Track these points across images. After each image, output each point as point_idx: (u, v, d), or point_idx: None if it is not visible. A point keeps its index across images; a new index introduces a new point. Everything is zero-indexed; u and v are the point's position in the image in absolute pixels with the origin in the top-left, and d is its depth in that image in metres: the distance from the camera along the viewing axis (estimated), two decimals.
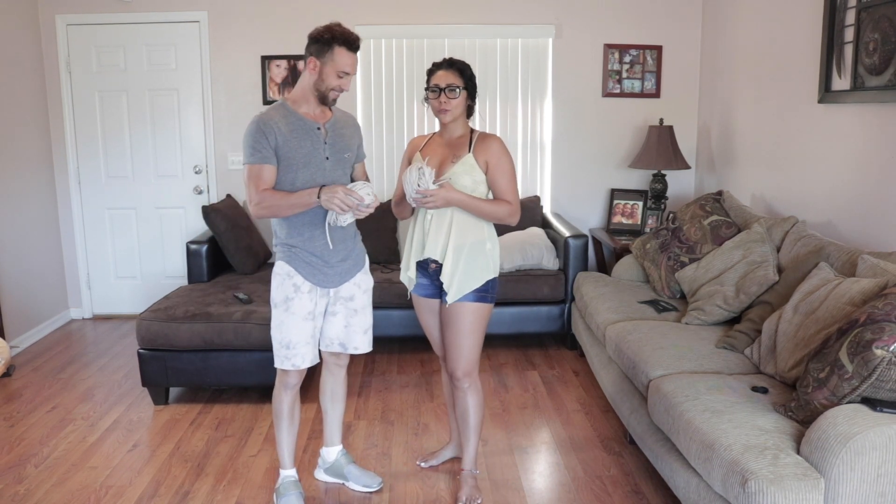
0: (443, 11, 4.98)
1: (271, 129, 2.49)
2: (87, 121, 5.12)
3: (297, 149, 2.52)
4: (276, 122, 2.50)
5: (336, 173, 2.62)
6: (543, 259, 4.44)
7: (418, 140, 2.81)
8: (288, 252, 2.61)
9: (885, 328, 2.08)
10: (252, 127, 2.50)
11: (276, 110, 2.54)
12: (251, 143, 2.49)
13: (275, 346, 2.65)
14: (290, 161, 2.52)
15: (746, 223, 3.66)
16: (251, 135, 2.49)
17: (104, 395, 3.88)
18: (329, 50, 2.48)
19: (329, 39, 2.47)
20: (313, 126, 2.57)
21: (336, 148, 2.62)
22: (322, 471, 2.99)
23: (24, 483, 2.97)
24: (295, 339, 2.61)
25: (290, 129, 2.52)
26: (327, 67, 2.49)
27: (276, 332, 2.63)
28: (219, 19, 4.99)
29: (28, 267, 4.80)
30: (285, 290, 2.60)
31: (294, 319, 2.60)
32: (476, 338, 2.68)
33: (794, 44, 3.77)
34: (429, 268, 2.69)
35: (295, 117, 2.55)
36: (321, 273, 2.62)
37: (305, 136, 2.54)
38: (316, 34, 2.51)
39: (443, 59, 2.67)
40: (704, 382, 2.59)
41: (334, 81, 2.51)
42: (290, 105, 2.58)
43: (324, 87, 2.52)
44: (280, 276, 2.61)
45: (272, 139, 2.48)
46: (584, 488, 2.90)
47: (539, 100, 5.14)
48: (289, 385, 2.70)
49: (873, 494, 1.97)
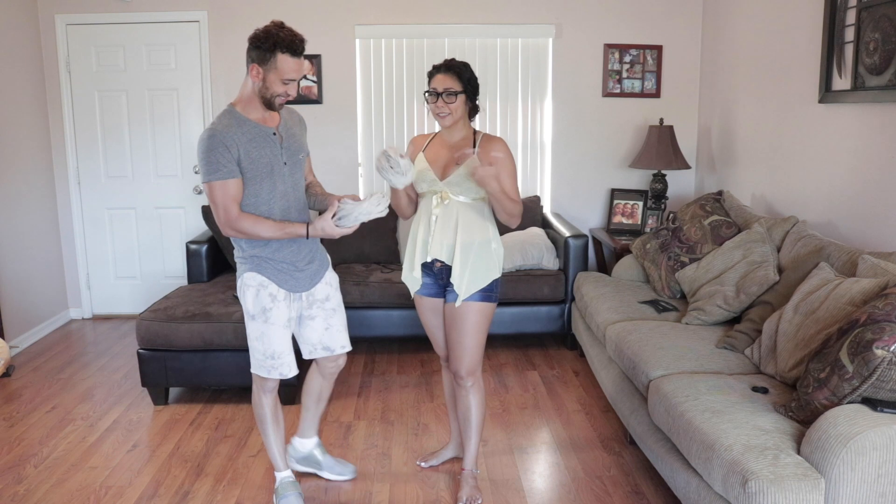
0: (443, 11, 4.98)
1: (232, 140, 2.36)
2: (87, 121, 5.12)
3: (258, 159, 2.41)
4: (234, 133, 2.37)
5: (294, 177, 2.54)
6: (543, 259, 4.44)
7: (420, 139, 2.80)
8: (257, 262, 2.52)
9: (885, 328, 2.08)
10: (209, 142, 2.34)
11: (227, 119, 2.41)
12: (212, 158, 2.34)
13: (257, 357, 2.59)
14: (253, 172, 2.41)
15: (747, 223, 3.66)
16: (210, 150, 2.34)
17: (104, 396, 3.88)
18: (272, 57, 2.34)
19: (272, 46, 2.33)
20: (269, 132, 2.46)
21: (291, 151, 2.53)
22: (294, 460, 2.97)
23: (24, 483, 2.97)
24: (279, 349, 2.56)
25: (248, 139, 2.40)
26: (271, 75, 2.36)
27: (258, 343, 2.57)
28: (219, 19, 4.98)
29: (28, 267, 4.80)
30: (261, 301, 2.53)
31: (275, 329, 2.54)
32: (480, 337, 2.68)
33: (795, 43, 3.76)
34: (434, 267, 2.69)
35: (249, 125, 2.43)
36: (293, 278, 2.56)
37: (264, 143, 2.44)
38: (255, 39, 2.36)
39: (442, 62, 2.65)
40: (705, 382, 2.58)
41: (279, 88, 2.39)
42: (239, 112, 2.44)
43: (269, 94, 2.40)
44: (252, 287, 2.53)
45: (234, 151, 2.36)
46: (584, 488, 2.90)
47: (539, 100, 5.14)
48: (269, 389, 2.67)
49: (874, 495, 1.96)
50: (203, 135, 2.38)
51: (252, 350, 2.60)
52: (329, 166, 5.05)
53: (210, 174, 2.36)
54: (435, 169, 2.66)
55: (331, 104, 5.08)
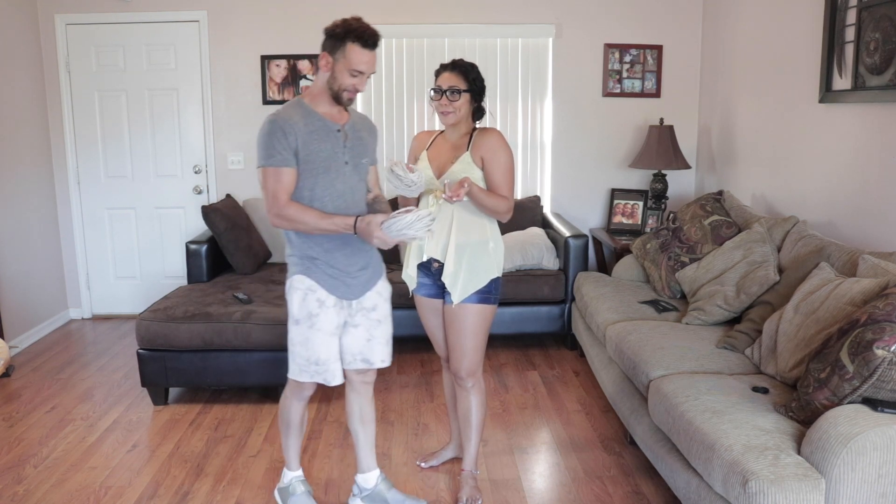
0: (443, 11, 4.97)
1: (291, 128, 2.29)
2: (87, 120, 5.11)
3: (317, 152, 2.34)
4: (296, 122, 2.31)
5: (354, 179, 2.45)
6: (543, 259, 4.44)
7: (424, 136, 2.80)
8: (307, 265, 2.41)
9: (885, 328, 2.07)
10: (269, 126, 2.29)
11: (293, 109, 2.35)
12: (269, 143, 2.28)
13: (299, 362, 2.46)
14: (310, 165, 2.33)
15: (747, 223, 3.66)
16: (269, 134, 2.28)
17: (103, 396, 3.88)
18: (342, 46, 2.28)
19: (342, 35, 2.28)
20: (333, 127, 2.39)
21: (355, 152, 2.45)
22: (358, 499, 2.75)
23: (24, 483, 2.97)
24: (324, 356, 2.44)
25: (310, 130, 2.33)
26: (339, 65, 2.30)
27: (302, 348, 2.44)
28: (219, 19, 4.98)
29: (27, 267, 4.79)
30: (308, 306, 2.41)
31: (321, 336, 2.42)
32: (480, 339, 2.68)
33: (795, 43, 3.76)
34: (431, 267, 2.68)
35: (314, 117, 2.36)
36: (344, 285, 2.44)
37: (326, 137, 2.36)
38: (330, 29, 2.32)
39: (449, 61, 2.65)
40: (705, 383, 2.58)
41: (347, 80, 2.32)
42: (307, 103, 2.38)
43: (336, 86, 2.33)
44: (300, 290, 2.41)
45: (292, 140, 2.29)
46: (584, 488, 2.90)
47: (539, 100, 5.13)
48: (304, 397, 2.57)
49: (874, 495, 1.96)
50: (266, 119, 2.32)
51: (293, 354, 2.46)
52: None
53: (265, 159, 2.30)
54: (434, 167, 2.66)
55: None
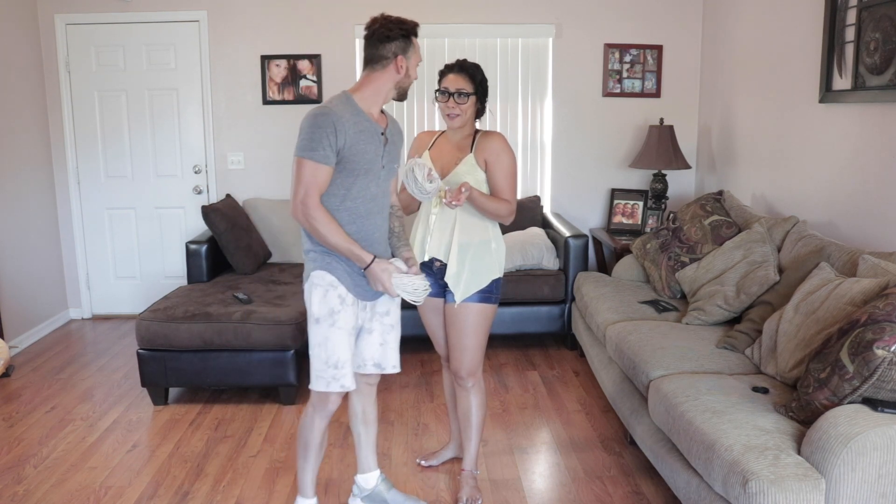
0: (443, 11, 4.97)
1: (343, 126, 2.23)
2: (87, 120, 5.11)
3: (362, 153, 2.29)
4: (346, 120, 2.25)
5: (386, 183, 2.43)
6: (543, 259, 4.44)
7: (426, 136, 2.79)
8: (328, 260, 2.34)
9: (885, 328, 2.07)
10: (322, 118, 2.21)
11: (344, 105, 2.28)
12: (317, 136, 2.21)
13: (317, 367, 2.36)
14: (352, 166, 2.28)
15: (747, 223, 3.66)
16: (319, 127, 2.21)
17: (103, 396, 3.88)
18: (410, 44, 2.33)
19: (407, 33, 2.31)
20: (378, 130, 2.35)
21: (391, 157, 2.43)
22: (358, 499, 2.75)
23: (24, 483, 2.97)
24: (343, 357, 2.34)
25: (359, 130, 2.28)
26: (411, 62, 2.34)
27: (320, 350, 2.35)
28: (219, 19, 4.98)
29: (27, 267, 4.79)
30: (329, 302, 2.33)
31: (341, 335, 2.34)
32: (480, 338, 2.68)
33: (795, 43, 3.76)
34: (433, 266, 2.68)
35: (363, 116, 2.31)
36: (360, 285, 2.38)
37: (371, 139, 2.31)
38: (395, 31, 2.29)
39: (455, 62, 2.64)
40: (705, 383, 2.58)
41: (415, 73, 2.38)
42: (357, 102, 2.32)
43: (408, 82, 2.37)
44: (321, 287, 2.33)
45: (341, 139, 2.23)
46: (584, 488, 2.90)
47: (539, 100, 5.13)
48: (328, 411, 2.43)
49: (874, 495, 1.96)
50: (316, 109, 2.24)
51: (313, 358, 2.37)
52: None
53: (307, 150, 2.22)
54: (437, 167, 2.66)
55: None
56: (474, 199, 2.53)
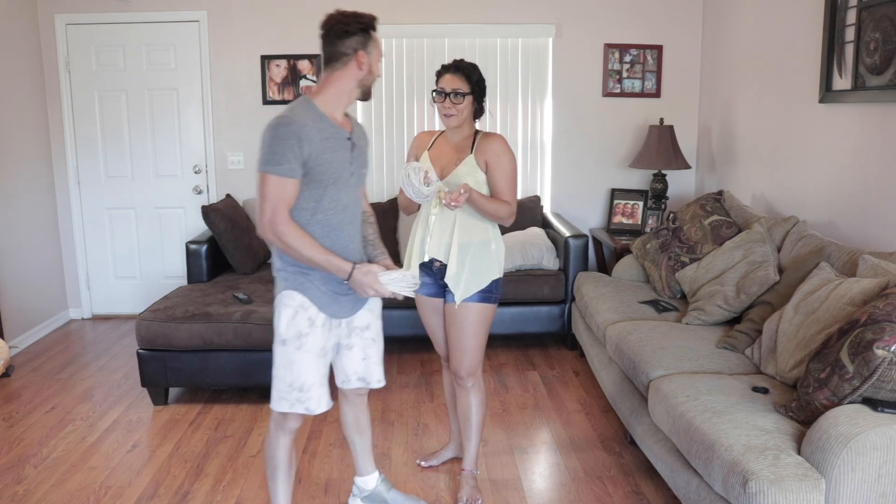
0: (443, 11, 4.97)
1: (307, 136, 2.11)
2: (87, 120, 5.11)
3: (329, 162, 2.17)
4: (310, 129, 2.13)
5: (356, 191, 2.33)
6: (543, 259, 4.44)
7: (426, 136, 2.79)
8: (300, 279, 2.24)
9: (885, 328, 2.07)
10: (284, 129, 2.08)
11: (306, 112, 2.16)
12: (280, 149, 2.08)
13: (280, 388, 2.26)
14: (320, 176, 2.16)
15: (747, 223, 3.66)
16: (282, 139, 2.08)
17: (103, 396, 3.88)
18: (370, 38, 2.21)
19: (365, 27, 2.20)
20: (344, 135, 2.24)
21: (359, 163, 2.33)
22: (358, 499, 2.74)
23: (24, 483, 2.97)
24: (309, 381, 2.25)
25: (324, 138, 2.16)
26: (373, 57, 2.23)
27: (285, 372, 2.25)
28: (219, 19, 4.98)
29: (27, 267, 4.79)
30: (298, 324, 2.23)
31: (308, 358, 2.25)
32: (480, 338, 2.68)
33: (795, 43, 3.76)
34: (433, 267, 2.68)
35: (327, 123, 2.18)
36: (336, 302, 2.29)
37: (337, 147, 2.20)
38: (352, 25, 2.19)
39: (451, 62, 2.64)
40: (705, 383, 2.58)
41: (378, 69, 2.26)
42: (318, 106, 2.20)
43: (372, 79, 2.25)
44: (291, 307, 2.24)
45: (306, 149, 2.10)
46: (584, 488, 2.90)
47: (539, 100, 5.13)
48: (289, 430, 2.35)
49: (874, 495, 1.96)
50: (275, 121, 2.10)
51: (275, 379, 2.28)
52: None
53: (271, 164, 2.08)
54: (437, 168, 2.66)
55: None
56: (474, 201, 2.54)
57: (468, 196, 2.49)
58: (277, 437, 2.37)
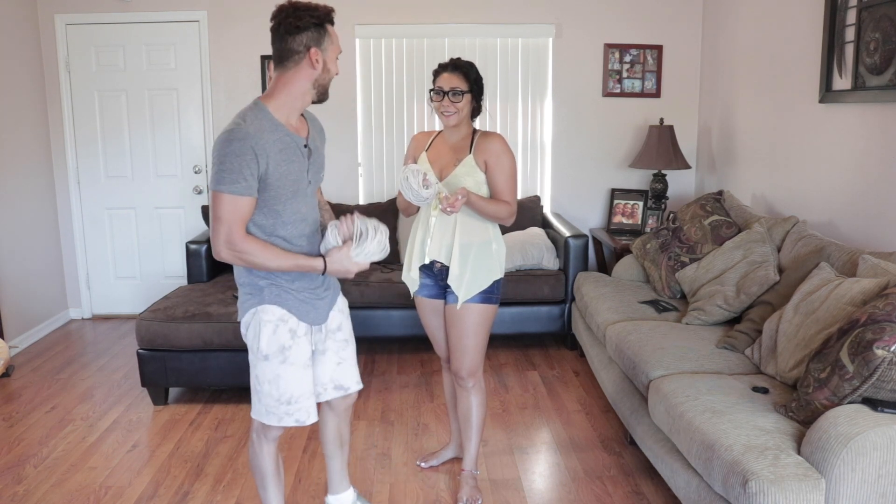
0: (443, 11, 4.97)
1: (263, 150, 1.98)
2: (87, 120, 5.11)
3: (286, 175, 2.05)
4: (265, 140, 1.99)
5: (313, 199, 2.22)
6: (543, 259, 4.44)
7: (422, 137, 2.78)
8: (276, 292, 2.14)
9: (885, 328, 2.07)
10: (237, 145, 1.94)
11: (258, 120, 2.01)
12: (235, 165, 1.94)
13: (268, 403, 2.19)
14: (278, 190, 2.04)
15: (747, 223, 3.66)
16: (237, 155, 1.94)
17: (103, 396, 3.88)
18: (325, 33, 2.05)
19: (319, 22, 2.03)
20: (300, 143, 2.11)
21: (316, 168, 2.21)
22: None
23: (24, 483, 2.97)
24: (297, 393, 2.18)
25: (280, 149, 2.03)
26: (329, 54, 2.07)
27: (271, 387, 2.17)
28: (218, 19, 4.98)
29: (27, 267, 4.79)
30: (280, 338, 2.14)
31: (293, 371, 2.17)
32: (481, 338, 2.68)
33: (795, 43, 3.76)
34: (434, 267, 2.68)
35: (282, 132, 2.05)
36: (314, 308, 2.22)
37: (294, 156, 2.07)
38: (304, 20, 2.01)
39: (448, 61, 2.64)
40: (705, 383, 2.58)
41: (335, 67, 2.10)
42: (271, 112, 2.05)
43: (328, 78, 2.11)
44: (271, 322, 2.14)
45: (262, 164, 1.98)
46: (584, 488, 2.90)
47: (539, 100, 5.13)
48: (272, 438, 2.29)
49: (874, 495, 1.96)
50: (227, 134, 1.96)
51: (260, 394, 2.19)
52: (328, 167, 5.05)
53: (224, 183, 1.96)
54: (435, 169, 2.65)
55: (330, 103, 5.05)
56: (473, 204, 2.53)
57: (466, 199, 2.49)
58: (261, 446, 2.30)
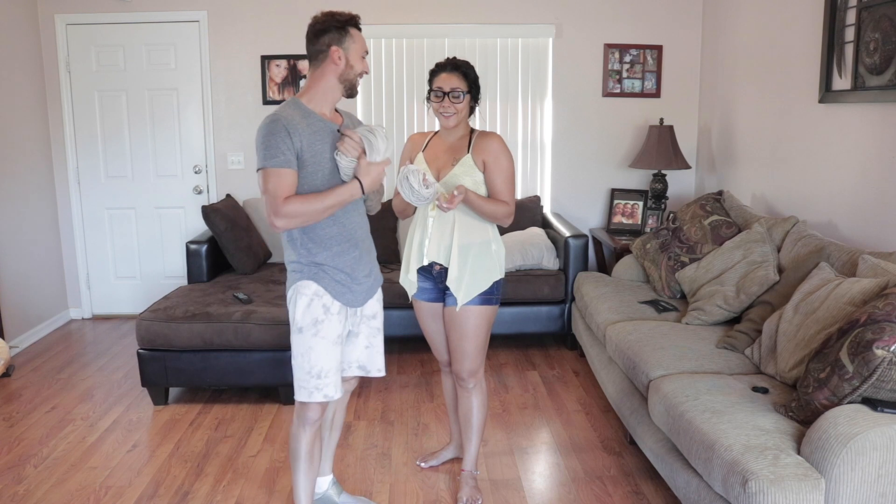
0: (443, 11, 4.97)
1: (295, 129, 2.20)
2: (87, 120, 5.11)
3: (321, 153, 2.25)
4: (298, 123, 2.22)
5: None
6: (543, 259, 4.44)
7: (419, 138, 2.76)
8: (314, 270, 2.32)
9: (885, 328, 2.07)
10: (272, 126, 2.18)
11: (292, 109, 2.25)
12: (272, 143, 2.18)
13: (299, 377, 2.34)
14: (315, 167, 2.24)
15: (747, 223, 3.66)
16: (272, 135, 2.18)
17: (104, 396, 3.88)
18: (347, 34, 2.29)
19: (343, 23, 2.29)
20: (333, 128, 2.31)
21: None
22: None
23: (24, 483, 2.97)
24: (326, 367, 2.33)
25: (312, 131, 2.25)
26: (352, 52, 2.30)
27: (303, 360, 2.33)
28: (219, 19, 4.98)
29: (28, 267, 4.79)
30: (313, 311, 2.31)
31: (324, 344, 2.32)
32: (481, 340, 2.67)
33: (795, 43, 3.76)
34: (433, 270, 2.66)
35: (315, 118, 2.28)
36: (350, 291, 2.37)
37: (326, 138, 2.28)
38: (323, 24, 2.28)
39: (446, 61, 2.61)
40: (705, 382, 2.58)
41: (360, 65, 2.32)
42: (305, 104, 2.30)
43: (353, 74, 2.31)
44: (306, 296, 2.31)
45: (297, 141, 2.19)
46: (584, 488, 2.90)
47: (539, 100, 5.13)
48: (311, 420, 2.40)
49: (874, 495, 1.96)
50: (265, 120, 2.21)
51: (295, 368, 2.36)
52: None
53: (267, 160, 2.18)
54: (433, 169, 2.64)
55: None
56: (471, 202, 2.51)
57: (463, 197, 2.48)
58: (298, 430, 2.43)
